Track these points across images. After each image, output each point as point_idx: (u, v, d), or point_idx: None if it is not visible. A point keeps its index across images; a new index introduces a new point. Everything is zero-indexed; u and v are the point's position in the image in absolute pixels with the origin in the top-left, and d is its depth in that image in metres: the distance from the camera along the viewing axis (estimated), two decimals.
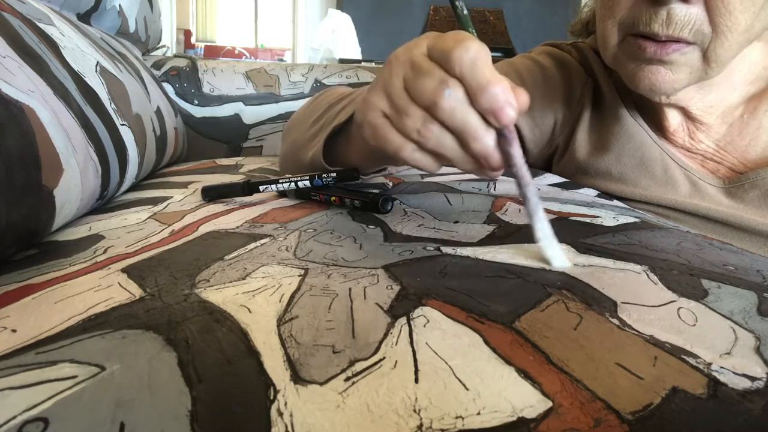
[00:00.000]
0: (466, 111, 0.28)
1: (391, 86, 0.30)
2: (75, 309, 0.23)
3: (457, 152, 0.30)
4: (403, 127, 0.30)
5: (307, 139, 0.48)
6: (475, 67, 0.27)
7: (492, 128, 0.28)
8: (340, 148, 0.45)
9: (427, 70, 0.29)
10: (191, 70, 1.04)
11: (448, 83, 0.28)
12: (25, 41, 0.40)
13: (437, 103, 0.28)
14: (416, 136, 0.30)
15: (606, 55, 0.50)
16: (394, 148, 0.31)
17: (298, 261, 0.29)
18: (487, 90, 0.27)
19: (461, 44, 0.27)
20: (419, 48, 0.30)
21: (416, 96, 0.29)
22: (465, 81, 0.28)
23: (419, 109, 0.29)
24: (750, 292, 0.24)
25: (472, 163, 0.30)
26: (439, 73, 0.28)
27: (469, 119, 0.28)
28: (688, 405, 0.16)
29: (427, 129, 0.29)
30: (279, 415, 0.16)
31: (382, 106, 0.31)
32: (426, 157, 0.31)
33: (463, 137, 0.29)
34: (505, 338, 0.20)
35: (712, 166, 0.53)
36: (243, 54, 4.17)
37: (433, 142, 0.29)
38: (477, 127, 0.28)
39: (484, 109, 0.28)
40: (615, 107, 0.56)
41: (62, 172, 0.35)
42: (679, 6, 0.41)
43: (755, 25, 0.42)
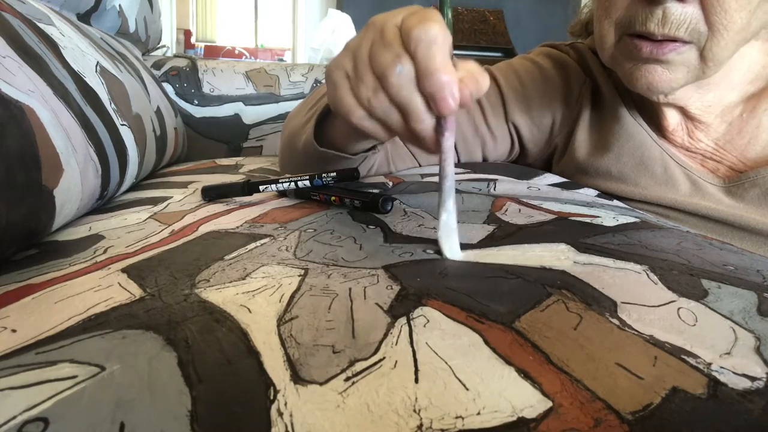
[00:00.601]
0: (412, 91, 0.28)
1: (359, 50, 0.31)
2: (75, 309, 0.23)
3: (401, 127, 0.30)
4: (357, 92, 0.31)
5: (301, 126, 0.49)
6: (429, 51, 0.27)
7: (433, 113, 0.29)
8: (328, 128, 0.45)
9: (389, 42, 0.29)
10: (191, 70, 1.04)
11: (401, 59, 0.28)
12: (25, 41, 0.40)
13: (387, 77, 0.29)
14: (366, 104, 0.30)
15: (603, 55, 0.50)
16: (346, 110, 0.31)
17: (298, 261, 0.29)
18: (433, 75, 0.27)
19: (423, 24, 0.28)
20: (395, 18, 0.30)
21: (374, 65, 0.30)
22: (416, 61, 0.28)
23: (374, 78, 0.30)
24: (750, 292, 0.24)
25: (412, 139, 0.31)
26: (398, 47, 0.29)
27: (413, 99, 0.29)
28: (688, 405, 0.16)
29: (375, 98, 0.30)
30: (279, 415, 0.16)
31: (346, 67, 0.31)
32: (374, 125, 0.31)
33: (406, 115, 0.29)
34: (505, 338, 0.20)
35: (711, 165, 0.53)
36: (243, 54, 4.17)
37: (379, 113, 0.30)
38: (419, 110, 0.29)
39: (426, 92, 0.28)
40: (614, 107, 0.56)
41: (62, 172, 0.35)
42: (675, 5, 0.41)
43: (751, 24, 0.42)
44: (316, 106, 0.48)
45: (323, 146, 0.44)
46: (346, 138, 0.44)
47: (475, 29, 3.09)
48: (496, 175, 0.53)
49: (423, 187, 0.47)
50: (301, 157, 0.48)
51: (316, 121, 0.45)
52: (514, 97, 0.59)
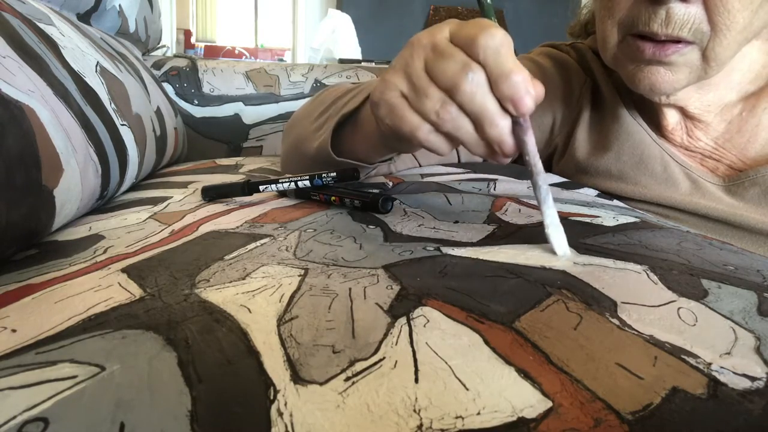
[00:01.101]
0: (486, 96, 0.29)
1: (412, 67, 0.31)
2: (75, 309, 0.23)
3: (472, 136, 0.30)
4: (421, 107, 0.30)
5: (312, 131, 0.48)
6: (499, 55, 0.28)
7: (508, 115, 0.29)
8: (346, 137, 0.45)
9: (450, 54, 0.29)
10: (191, 70, 1.04)
11: (471, 67, 0.28)
12: (25, 41, 0.40)
13: (459, 86, 0.29)
14: (434, 117, 0.30)
15: (606, 56, 0.50)
16: (411, 128, 0.31)
17: (298, 261, 0.29)
18: (509, 78, 0.28)
19: (487, 31, 0.28)
20: (442, 33, 0.30)
21: (437, 78, 0.30)
22: (488, 67, 0.28)
23: (439, 90, 0.30)
24: (750, 292, 0.24)
25: (485, 148, 0.31)
26: (462, 57, 0.29)
27: (488, 104, 0.29)
28: (688, 405, 0.16)
29: (445, 111, 0.30)
30: (279, 415, 0.16)
31: (401, 86, 0.31)
32: (440, 140, 0.31)
33: (480, 122, 0.29)
34: (505, 338, 0.20)
35: (711, 164, 0.53)
36: (243, 54, 4.17)
37: (449, 125, 0.30)
38: (495, 113, 0.29)
39: (503, 95, 0.28)
40: (614, 107, 0.56)
41: (62, 172, 0.35)
42: (678, 5, 0.41)
43: (753, 23, 0.42)
44: (326, 114, 0.47)
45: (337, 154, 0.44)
46: (370, 147, 0.43)
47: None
48: (496, 174, 0.53)
49: (423, 187, 0.47)
50: (310, 163, 0.47)
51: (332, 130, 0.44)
52: None
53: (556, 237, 0.29)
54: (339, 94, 0.49)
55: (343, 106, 0.46)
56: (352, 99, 0.45)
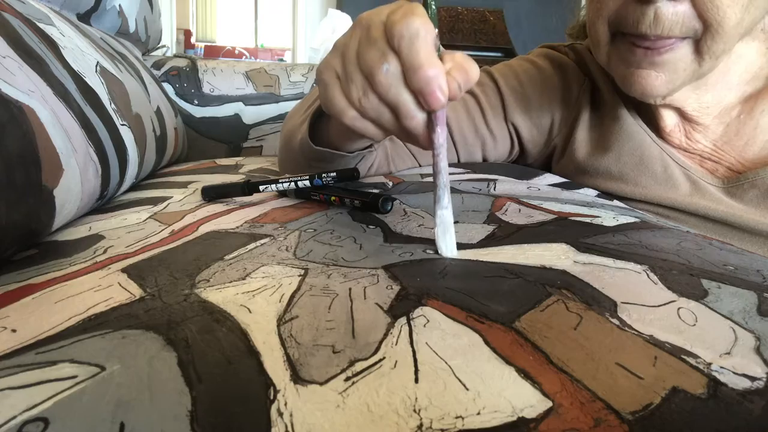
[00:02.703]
0: (400, 88, 0.28)
1: (347, 49, 0.30)
2: (75, 309, 0.23)
3: (393, 125, 0.30)
4: (348, 92, 0.30)
5: (297, 126, 0.49)
6: (412, 46, 0.27)
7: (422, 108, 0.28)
8: (323, 127, 0.45)
9: (374, 40, 0.28)
10: (191, 70, 1.04)
11: (387, 57, 0.28)
12: (25, 41, 0.40)
13: (374, 76, 0.28)
14: (357, 104, 0.30)
15: (598, 55, 0.50)
16: (338, 110, 0.31)
17: (298, 261, 0.29)
18: (419, 71, 0.27)
19: (405, 19, 0.27)
20: (380, 15, 0.29)
21: (361, 64, 0.29)
22: (401, 58, 0.27)
23: (363, 77, 0.29)
24: (750, 292, 0.24)
25: (408, 137, 0.30)
26: (382, 45, 0.28)
27: (402, 97, 0.28)
28: (688, 405, 0.16)
29: (366, 99, 0.29)
30: (279, 415, 0.16)
31: (336, 67, 0.31)
32: (366, 125, 0.31)
33: (397, 113, 0.29)
34: (505, 338, 0.20)
35: (710, 165, 0.53)
36: (243, 54, 4.16)
37: (371, 112, 0.30)
38: (409, 107, 0.28)
39: (415, 89, 0.28)
40: (614, 107, 0.56)
41: (62, 172, 0.35)
42: (666, 5, 0.41)
43: (745, 18, 0.42)
44: (312, 106, 0.48)
45: (320, 145, 0.44)
46: (341, 137, 0.43)
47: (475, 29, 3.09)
48: (496, 175, 0.53)
49: (423, 187, 0.47)
50: (299, 156, 0.48)
51: (310, 120, 0.45)
52: (513, 98, 0.59)
53: (444, 238, 0.29)
54: None
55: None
56: None
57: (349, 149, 0.45)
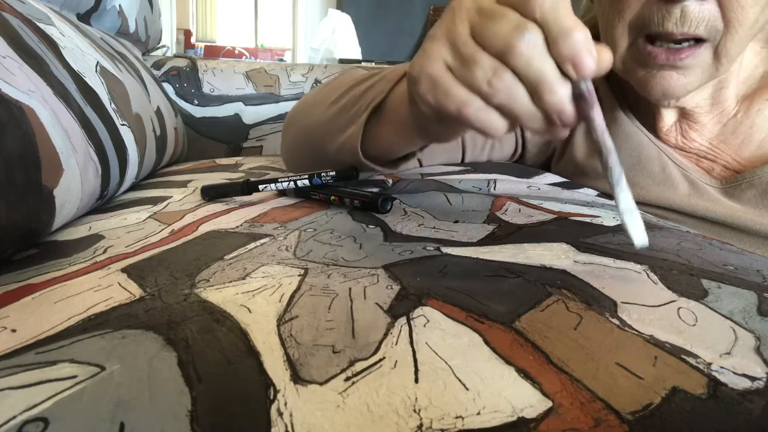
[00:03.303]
0: (544, 59, 0.26)
1: (456, 33, 0.27)
2: (75, 309, 0.23)
3: (528, 107, 0.27)
4: (470, 77, 0.27)
5: (326, 122, 0.46)
6: (558, 11, 0.25)
7: (568, 81, 0.26)
8: (370, 129, 0.42)
9: (501, 14, 0.26)
10: (191, 70, 1.04)
11: (527, 26, 0.25)
12: (25, 41, 0.39)
13: (514, 48, 0.26)
14: (486, 88, 0.27)
15: (614, 60, 0.49)
16: (458, 103, 0.28)
17: (298, 261, 0.29)
18: (569, 36, 0.25)
19: None
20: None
21: (487, 42, 0.26)
22: (546, 25, 0.25)
23: (490, 57, 0.27)
24: (750, 292, 0.24)
25: (542, 121, 0.27)
26: (515, 16, 0.26)
27: (546, 68, 0.26)
28: (688, 405, 0.16)
29: (498, 79, 0.26)
30: (279, 415, 0.16)
31: (445, 56, 0.28)
32: (491, 115, 0.28)
33: (538, 89, 0.26)
34: (505, 338, 0.20)
35: (707, 165, 0.53)
36: (243, 54, 4.16)
37: (503, 95, 0.27)
38: (554, 78, 0.26)
39: (563, 56, 0.25)
40: (612, 109, 0.56)
41: (62, 172, 0.35)
42: (693, 3, 0.41)
43: (760, 19, 0.43)
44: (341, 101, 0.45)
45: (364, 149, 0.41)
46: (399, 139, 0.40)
47: None
48: (496, 174, 0.53)
49: (423, 186, 0.47)
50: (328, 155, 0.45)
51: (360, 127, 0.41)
52: None
53: (633, 224, 0.26)
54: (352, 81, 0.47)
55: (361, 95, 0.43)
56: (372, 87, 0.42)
57: (399, 152, 0.42)
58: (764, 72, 0.51)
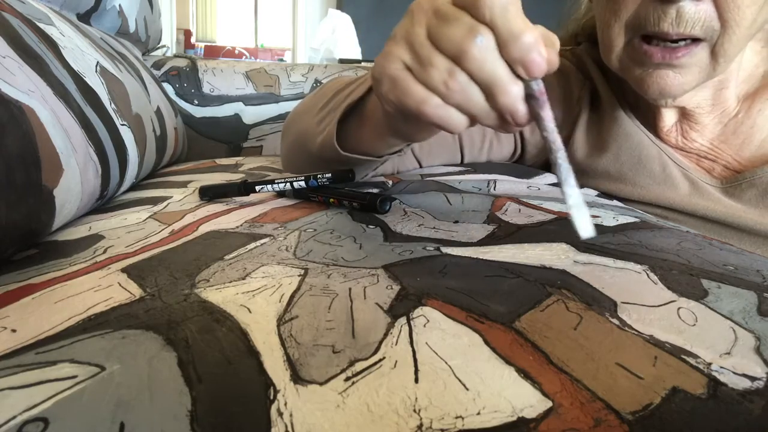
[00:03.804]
0: (496, 61, 0.27)
1: (414, 35, 0.28)
2: (75, 309, 0.23)
3: (482, 107, 0.28)
4: (427, 78, 0.28)
5: (314, 125, 0.47)
6: (507, 14, 0.26)
7: (520, 81, 0.27)
8: (352, 130, 0.43)
9: (455, 17, 0.27)
10: (191, 70, 1.04)
11: (479, 30, 0.26)
12: (25, 41, 0.39)
13: (466, 52, 0.27)
14: (442, 89, 0.28)
15: (611, 59, 0.49)
16: (416, 102, 0.29)
17: (298, 261, 0.29)
18: (519, 39, 0.26)
19: None
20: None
21: (442, 45, 0.27)
22: (496, 28, 0.26)
23: (445, 59, 0.28)
24: (750, 292, 0.24)
25: (497, 119, 0.29)
26: (468, 19, 0.27)
27: (498, 70, 0.27)
28: (688, 405, 0.16)
29: (453, 80, 0.27)
30: (279, 415, 0.16)
31: (403, 57, 0.29)
32: (450, 112, 0.29)
33: (491, 89, 0.27)
34: (505, 338, 0.20)
35: (707, 164, 0.53)
36: (243, 54, 4.16)
37: (459, 95, 0.28)
38: (506, 80, 0.27)
39: (513, 58, 0.26)
40: (612, 109, 0.56)
41: (62, 172, 0.35)
42: (689, 3, 0.41)
43: (758, 19, 0.43)
44: (328, 107, 0.46)
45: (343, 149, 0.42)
46: (376, 140, 0.41)
47: None
48: (496, 174, 0.53)
49: (423, 187, 0.47)
50: (315, 160, 0.46)
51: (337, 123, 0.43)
52: None
53: (579, 217, 0.27)
54: (340, 86, 0.48)
55: (346, 97, 0.44)
56: (356, 89, 0.44)
57: (381, 153, 0.43)
58: (765, 71, 0.51)
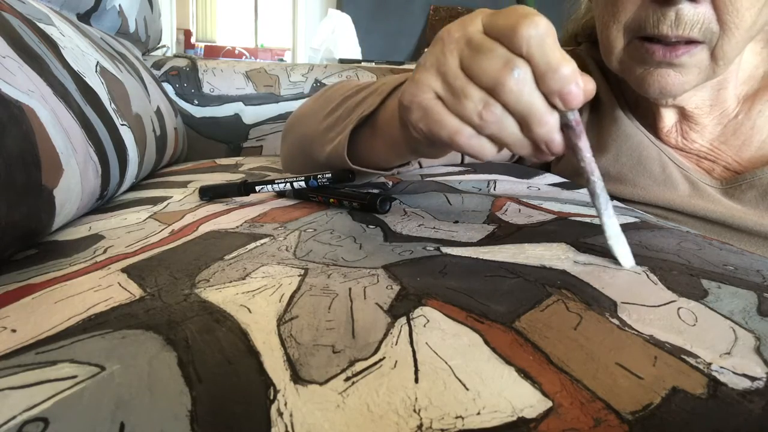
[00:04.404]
0: (533, 93, 0.27)
1: (446, 66, 0.28)
2: (75, 309, 0.23)
3: (517, 137, 0.28)
4: (461, 109, 0.28)
5: (321, 133, 0.46)
6: (544, 46, 0.26)
7: (555, 111, 0.27)
8: (363, 142, 0.43)
9: (489, 48, 0.27)
10: (191, 70, 1.04)
11: (516, 63, 0.26)
12: (25, 41, 0.39)
13: (503, 84, 0.27)
14: (477, 120, 0.28)
15: (611, 60, 0.49)
16: (450, 132, 0.29)
17: (298, 261, 0.29)
18: (557, 71, 0.26)
19: (528, 20, 0.26)
20: (474, 25, 0.28)
21: (477, 76, 0.27)
22: (533, 60, 0.26)
23: (480, 90, 0.28)
24: (750, 292, 0.24)
25: (531, 148, 0.29)
26: (503, 51, 0.27)
27: (535, 102, 0.27)
28: (688, 405, 0.16)
29: (489, 112, 0.27)
30: (279, 415, 0.16)
31: (435, 87, 0.29)
32: (483, 142, 0.29)
33: (527, 121, 0.27)
34: (505, 338, 0.20)
35: (707, 165, 0.53)
36: (243, 54, 4.16)
37: (493, 126, 0.28)
38: (543, 111, 0.27)
39: (551, 90, 0.26)
40: (612, 109, 0.56)
41: (62, 172, 0.35)
42: (687, 6, 0.41)
43: (758, 22, 0.43)
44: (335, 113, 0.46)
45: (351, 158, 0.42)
46: (391, 152, 0.41)
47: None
48: (496, 174, 0.53)
49: (423, 187, 0.47)
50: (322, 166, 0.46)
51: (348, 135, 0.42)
52: None
53: (619, 248, 0.28)
54: (348, 92, 0.48)
55: (356, 105, 0.44)
56: (367, 98, 0.43)
57: (390, 165, 0.43)
58: (765, 72, 0.51)
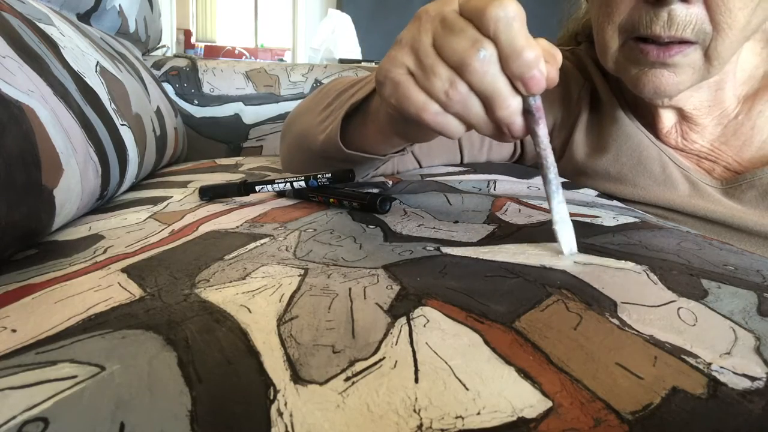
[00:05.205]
0: (497, 75, 0.27)
1: (419, 42, 0.29)
2: (75, 309, 0.23)
3: (481, 117, 0.29)
4: (429, 86, 0.29)
5: (316, 125, 0.47)
6: (510, 29, 0.26)
7: (519, 95, 0.28)
8: (356, 130, 0.43)
9: (460, 28, 0.27)
10: (191, 70, 1.04)
11: (482, 44, 0.27)
12: (25, 41, 0.39)
13: (469, 64, 0.27)
14: (443, 97, 0.28)
15: (606, 61, 0.49)
16: (417, 108, 0.29)
17: (298, 261, 0.29)
18: (521, 55, 0.26)
19: (498, 2, 0.26)
20: (451, 5, 0.29)
21: (446, 55, 0.28)
22: (499, 42, 0.27)
23: (448, 68, 0.28)
24: (750, 292, 0.24)
25: (494, 129, 0.29)
26: (473, 32, 0.27)
27: (498, 84, 0.27)
28: (688, 405, 0.16)
29: (454, 91, 0.28)
30: (279, 415, 0.16)
31: (407, 63, 0.29)
32: (449, 120, 0.29)
33: (490, 102, 0.28)
34: (505, 338, 0.20)
35: (707, 165, 0.53)
36: (243, 54, 4.16)
37: (458, 105, 0.28)
38: (505, 94, 0.27)
39: (514, 74, 0.27)
40: (612, 109, 0.56)
41: (62, 172, 0.35)
42: (680, 6, 0.41)
43: (752, 21, 0.43)
44: (331, 107, 0.46)
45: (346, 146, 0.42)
46: (382, 139, 0.41)
47: None
48: (496, 174, 0.53)
49: (423, 187, 0.47)
50: (316, 158, 0.46)
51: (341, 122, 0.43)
52: None
53: (564, 234, 0.28)
54: (343, 86, 0.48)
55: (350, 97, 0.44)
56: (360, 89, 0.44)
57: (383, 152, 0.44)
58: (765, 72, 0.51)
